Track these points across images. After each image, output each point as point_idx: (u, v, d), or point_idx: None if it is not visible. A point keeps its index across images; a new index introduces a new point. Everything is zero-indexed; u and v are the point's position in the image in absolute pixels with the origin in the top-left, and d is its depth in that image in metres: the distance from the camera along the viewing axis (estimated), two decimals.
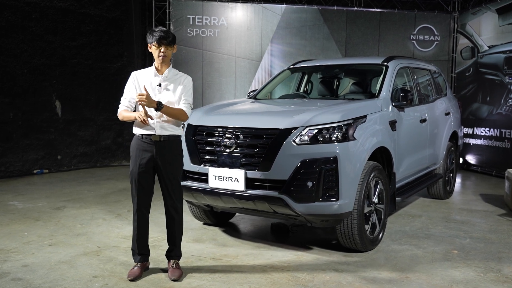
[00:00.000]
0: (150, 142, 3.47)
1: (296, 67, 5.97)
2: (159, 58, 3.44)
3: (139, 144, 3.50)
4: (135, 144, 3.53)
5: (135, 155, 3.52)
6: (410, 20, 9.94)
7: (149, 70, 3.55)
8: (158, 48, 3.42)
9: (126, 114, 3.49)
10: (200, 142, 4.29)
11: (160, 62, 3.47)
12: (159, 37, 3.38)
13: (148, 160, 3.49)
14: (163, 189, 3.60)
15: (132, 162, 3.54)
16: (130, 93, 3.51)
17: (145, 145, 3.48)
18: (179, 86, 3.53)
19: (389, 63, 5.26)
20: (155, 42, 3.40)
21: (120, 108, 3.52)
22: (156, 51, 3.43)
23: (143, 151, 3.48)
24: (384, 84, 4.95)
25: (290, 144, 3.84)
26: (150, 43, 3.44)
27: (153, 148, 3.47)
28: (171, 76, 3.54)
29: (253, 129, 4.04)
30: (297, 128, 3.88)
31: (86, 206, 5.99)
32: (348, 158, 3.88)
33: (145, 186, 3.55)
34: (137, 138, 3.52)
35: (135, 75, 3.55)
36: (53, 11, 8.50)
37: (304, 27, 9.65)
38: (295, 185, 3.80)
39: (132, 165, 3.54)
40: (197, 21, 9.20)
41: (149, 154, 3.48)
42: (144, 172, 3.51)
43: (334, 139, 3.87)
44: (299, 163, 3.80)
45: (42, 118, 8.53)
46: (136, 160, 3.50)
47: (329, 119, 3.93)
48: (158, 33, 3.39)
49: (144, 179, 3.52)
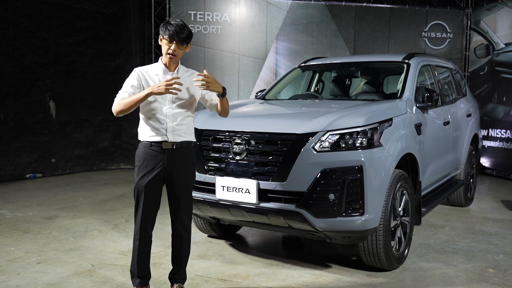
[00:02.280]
0: (160, 150, 3.01)
1: (307, 65, 5.52)
2: (166, 56, 2.99)
3: (147, 153, 3.02)
4: (142, 153, 3.04)
5: (142, 165, 3.03)
6: (421, 16, 9.50)
7: (155, 66, 3.08)
8: (168, 44, 2.95)
9: (128, 98, 2.89)
10: (206, 148, 3.84)
11: (167, 61, 3.02)
12: (173, 32, 2.91)
13: (158, 172, 3.02)
14: (172, 203, 3.15)
15: (138, 173, 3.05)
16: (133, 89, 2.97)
17: (154, 153, 3.01)
18: (189, 85, 3.07)
19: (410, 60, 4.82)
20: (167, 37, 2.93)
21: (117, 99, 2.96)
22: (166, 47, 2.97)
23: (152, 161, 3.01)
24: (407, 84, 4.51)
25: (309, 151, 3.40)
26: (161, 35, 2.98)
27: (163, 157, 3.01)
28: (181, 73, 3.09)
29: (266, 134, 3.59)
30: (317, 133, 3.44)
31: (80, 215, 5.53)
32: (374, 167, 3.43)
33: (152, 201, 3.08)
34: (145, 146, 3.04)
35: (139, 71, 3.05)
36: (47, 6, 8.06)
37: (311, 24, 9.20)
38: (314, 197, 3.35)
39: (138, 177, 3.04)
40: (198, 17, 8.74)
41: (159, 164, 3.01)
42: (152, 185, 3.04)
43: (359, 146, 3.42)
44: (319, 173, 3.36)
45: (35, 119, 8.08)
46: (144, 171, 3.02)
47: (353, 122, 3.49)
48: (173, 27, 2.92)
49: (152, 193, 3.06)
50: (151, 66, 3.11)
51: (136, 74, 3.02)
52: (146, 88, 2.94)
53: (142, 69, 3.07)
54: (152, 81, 3.01)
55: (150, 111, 2.99)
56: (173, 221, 3.20)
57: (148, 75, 3.03)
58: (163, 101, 2.99)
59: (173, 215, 3.17)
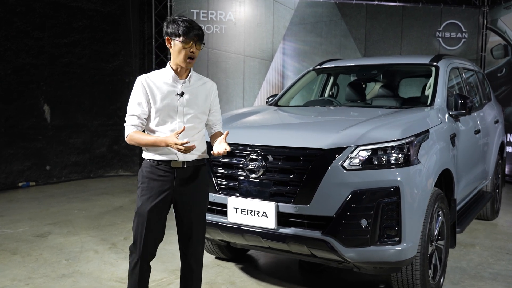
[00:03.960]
0: (169, 170, 2.59)
1: (322, 68, 5.06)
2: (187, 61, 2.53)
3: (153, 173, 2.59)
4: (146, 173, 2.61)
5: (146, 187, 2.60)
6: (435, 15, 9.04)
7: (163, 73, 2.62)
8: (186, 45, 2.49)
9: (143, 137, 2.51)
10: (217, 164, 3.38)
11: (186, 66, 2.56)
12: (189, 29, 2.48)
13: (166, 195, 2.60)
14: (182, 232, 2.73)
15: (141, 196, 2.62)
16: (141, 107, 2.55)
17: (161, 174, 2.59)
18: (203, 96, 2.68)
19: (439, 63, 4.37)
20: (184, 37, 2.47)
21: (128, 129, 2.55)
22: (184, 50, 2.50)
23: (159, 182, 2.59)
24: (438, 89, 4.05)
25: (337, 169, 2.93)
26: (172, 36, 2.51)
27: (172, 178, 2.60)
28: (194, 81, 2.66)
29: (285, 148, 3.12)
30: (345, 148, 2.97)
31: (75, 232, 5.06)
32: (412, 187, 2.97)
33: (156, 229, 2.65)
34: (150, 165, 2.61)
35: (144, 81, 2.58)
36: (41, 4, 7.59)
37: (320, 23, 8.73)
38: (344, 223, 2.89)
39: (142, 201, 2.61)
40: (201, 16, 8.27)
41: (166, 187, 2.59)
42: (158, 212, 2.62)
43: (394, 163, 2.96)
44: (350, 194, 2.89)
45: (29, 125, 7.60)
46: (148, 194, 2.59)
47: (387, 135, 3.02)
48: (186, 23, 2.49)
49: (156, 220, 2.63)
50: (158, 73, 2.65)
51: (141, 87, 2.57)
52: (153, 101, 2.54)
53: (148, 78, 2.60)
54: (160, 92, 2.56)
55: (160, 125, 2.58)
56: (183, 253, 2.78)
57: (155, 86, 2.57)
58: (174, 114, 2.58)
59: (184, 246, 2.75)
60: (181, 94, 2.58)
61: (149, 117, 2.57)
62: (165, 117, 2.57)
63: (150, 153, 2.61)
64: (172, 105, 2.56)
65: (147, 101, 2.54)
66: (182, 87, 2.59)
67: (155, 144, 2.48)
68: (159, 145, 2.47)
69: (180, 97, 2.57)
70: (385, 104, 4.61)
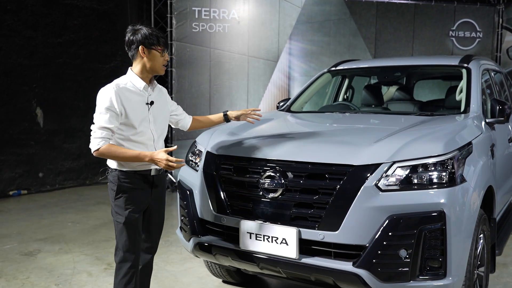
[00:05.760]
0: (147, 178, 2.68)
1: (338, 70, 4.62)
2: (163, 67, 2.69)
3: (134, 183, 2.63)
4: (125, 183, 2.62)
5: (129, 198, 2.62)
6: (448, 14, 8.62)
7: (132, 82, 2.63)
8: (164, 54, 2.67)
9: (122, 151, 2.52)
10: (227, 181, 2.94)
11: (162, 73, 2.72)
12: (165, 39, 2.68)
13: (145, 205, 2.73)
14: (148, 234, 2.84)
15: (125, 208, 2.62)
16: (113, 119, 2.50)
17: (141, 183, 2.66)
18: (164, 101, 2.84)
19: (470, 64, 3.95)
20: (163, 46, 2.63)
21: (99, 142, 2.49)
22: (160, 58, 2.65)
23: (140, 192, 2.66)
24: (472, 94, 3.62)
25: (371, 190, 2.50)
26: (150, 46, 2.59)
27: (151, 186, 2.71)
28: (155, 88, 2.77)
29: (309, 164, 2.69)
30: (380, 164, 2.54)
31: (67, 249, 4.62)
32: (459, 211, 2.54)
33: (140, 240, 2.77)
34: (128, 176, 2.62)
35: (116, 92, 2.53)
36: (33, 2, 7.17)
37: (328, 22, 8.30)
38: (380, 255, 2.45)
39: (127, 212, 2.62)
40: (203, 14, 7.82)
41: (146, 195, 2.70)
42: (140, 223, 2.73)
43: (437, 183, 2.52)
44: (386, 220, 2.46)
45: (20, 129, 7.17)
46: (133, 204, 2.64)
47: (427, 150, 2.59)
48: (160, 34, 2.64)
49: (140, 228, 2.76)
50: (125, 82, 2.63)
51: (113, 97, 2.51)
52: (124, 115, 2.54)
53: (118, 88, 2.56)
54: (132, 102, 2.57)
55: (134, 135, 2.60)
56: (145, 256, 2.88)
57: (126, 96, 2.56)
58: (146, 123, 2.64)
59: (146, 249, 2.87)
60: (150, 103, 2.65)
61: (124, 127, 2.56)
62: (138, 126, 2.58)
63: (125, 164, 2.61)
64: (144, 115, 2.61)
65: (120, 113, 2.52)
66: (150, 96, 2.67)
67: (137, 158, 2.51)
68: (141, 160, 2.51)
69: (149, 106, 2.64)
70: (407, 109, 4.22)
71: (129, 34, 2.60)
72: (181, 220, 3.26)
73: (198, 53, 7.78)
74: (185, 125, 3.06)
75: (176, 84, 7.63)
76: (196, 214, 3.06)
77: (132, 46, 2.59)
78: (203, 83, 7.81)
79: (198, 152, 3.25)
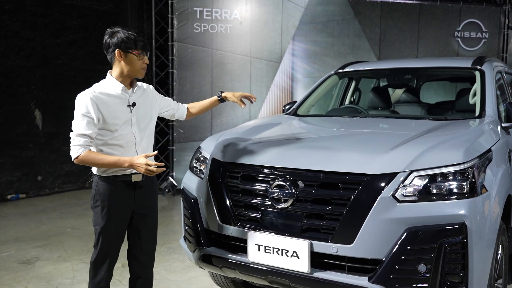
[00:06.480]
0: (129, 184, 2.58)
1: (345, 72, 4.48)
2: (142, 71, 2.60)
3: (112, 190, 2.56)
4: (103, 190, 2.55)
5: (107, 205, 2.56)
6: (454, 14, 8.48)
7: (109, 86, 2.57)
8: (142, 57, 2.57)
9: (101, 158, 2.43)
10: (234, 190, 2.80)
11: (142, 76, 2.63)
12: (144, 42, 2.56)
13: (128, 210, 2.63)
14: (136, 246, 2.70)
15: (102, 216, 2.57)
16: (91, 126, 2.45)
17: (122, 189, 2.57)
18: (149, 101, 2.74)
19: (483, 66, 3.81)
20: (140, 49, 2.54)
21: (78, 150, 2.42)
22: (140, 61, 2.57)
23: (120, 199, 2.57)
24: (487, 98, 3.48)
25: (387, 200, 2.36)
26: (126, 50, 2.52)
27: (133, 192, 2.61)
28: (138, 89, 2.68)
29: (321, 172, 2.55)
30: (397, 173, 2.40)
31: (66, 257, 4.48)
32: (481, 222, 2.40)
33: (118, 248, 2.69)
34: (107, 182, 2.55)
35: (93, 97, 2.48)
36: (32, 2, 7.03)
37: (332, 22, 8.16)
38: (397, 270, 2.31)
39: (104, 220, 2.57)
40: (205, 14, 7.68)
41: (128, 203, 2.61)
42: (122, 231, 2.66)
43: (458, 193, 2.38)
44: (404, 233, 2.32)
45: (18, 132, 7.04)
46: (110, 213, 2.57)
47: (447, 158, 2.45)
48: (139, 37, 2.55)
49: (120, 238, 2.67)
50: (103, 86, 2.57)
51: (90, 104, 2.46)
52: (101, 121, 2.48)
53: (95, 93, 2.50)
54: (111, 106, 2.50)
55: (112, 139, 2.53)
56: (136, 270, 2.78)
57: (105, 101, 2.49)
58: (127, 126, 2.56)
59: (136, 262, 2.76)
60: (132, 105, 2.58)
61: (102, 132, 2.50)
62: (120, 130, 2.52)
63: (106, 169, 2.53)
64: (125, 117, 2.54)
65: (97, 118, 2.46)
66: (131, 98, 2.59)
67: (117, 164, 2.44)
68: (121, 165, 2.44)
69: (132, 108, 2.58)
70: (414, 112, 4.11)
71: (107, 37, 2.55)
72: (185, 229, 3.13)
73: (200, 54, 7.64)
74: (181, 115, 3.02)
75: (177, 86, 7.49)
76: (201, 224, 2.92)
77: (109, 50, 2.54)
78: (204, 85, 7.66)
79: (203, 158, 3.11)
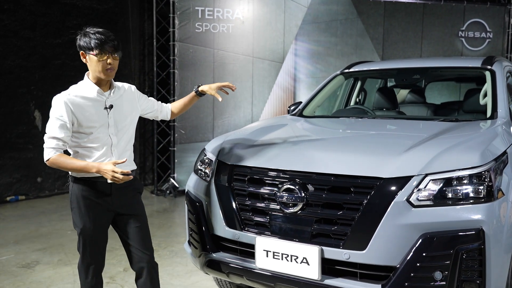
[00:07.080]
0: (105, 186, 2.53)
1: (351, 72, 4.40)
2: (106, 72, 2.47)
3: (88, 191, 2.52)
4: (79, 191, 2.52)
5: (84, 207, 2.53)
6: (458, 13, 8.42)
7: (85, 88, 2.50)
8: (101, 58, 2.44)
9: (69, 162, 2.38)
10: (241, 193, 2.71)
11: (107, 77, 2.49)
12: (101, 40, 2.42)
13: (106, 212, 2.58)
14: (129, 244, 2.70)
15: (80, 218, 2.55)
16: (64, 129, 2.40)
17: (96, 191, 2.53)
18: (129, 103, 2.66)
19: (493, 66, 3.73)
20: (97, 50, 2.42)
21: (49, 153, 2.39)
22: (101, 63, 2.45)
23: (96, 200, 2.54)
24: (499, 98, 3.41)
25: (402, 205, 2.27)
26: (86, 50, 2.45)
27: (109, 193, 2.55)
28: (116, 90, 2.60)
29: (332, 176, 2.46)
30: (411, 177, 2.32)
31: (67, 260, 4.40)
32: (499, 228, 2.31)
33: (102, 248, 2.72)
34: (82, 184, 2.52)
35: (67, 100, 2.42)
36: (31, 1, 6.94)
37: (335, 22, 8.08)
38: (412, 277, 2.23)
39: (83, 222, 2.55)
40: (207, 14, 7.59)
41: (105, 204, 2.56)
42: (102, 232, 2.64)
43: (474, 197, 2.30)
44: (420, 239, 2.23)
45: (18, 133, 6.94)
46: (87, 214, 2.54)
47: (462, 160, 2.37)
48: (99, 35, 2.43)
49: (102, 240, 2.68)
50: (79, 89, 2.50)
51: (64, 107, 2.41)
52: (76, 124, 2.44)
53: (69, 95, 2.45)
54: (87, 109, 2.44)
55: (87, 141, 2.48)
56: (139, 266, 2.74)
57: (80, 103, 2.44)
58: (104, 129, 2.50)
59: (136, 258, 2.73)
60: (109, 107, 2.51)
61: (78, 134, 2.46)
62: (96, 132, 2.48)
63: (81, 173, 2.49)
64: (102, 120, 2.49)
65: (71, 122, 2.42)
66: (109, 100, 2.52)
67: (85, 169, 2.39)
68: (89, 171, 2.38)
69: (109, 110, 2.52)
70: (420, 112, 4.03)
71: (77, 38, 2.50)
72: (190, 234, 3.04)
73: (202, 54, 7.55)
74: (165, 115, 2.96)
75: (178, 86, 7.40)
76: (206, 229, 2.83)
77: (79, 51, 2.51)
78: None
79: (208, 161, 3.02)
